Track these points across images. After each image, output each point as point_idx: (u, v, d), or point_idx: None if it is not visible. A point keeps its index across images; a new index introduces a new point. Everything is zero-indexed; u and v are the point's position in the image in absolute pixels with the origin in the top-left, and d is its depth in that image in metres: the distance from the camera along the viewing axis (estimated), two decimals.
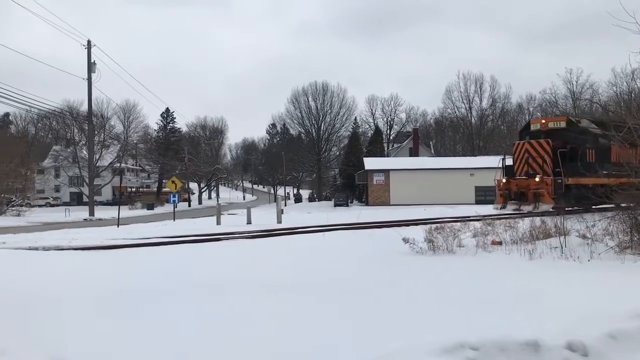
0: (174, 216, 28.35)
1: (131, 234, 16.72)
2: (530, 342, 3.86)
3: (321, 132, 74.54)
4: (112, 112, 71.66)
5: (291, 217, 26.40)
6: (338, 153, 78.18)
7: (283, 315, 5.10)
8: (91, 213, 38.59)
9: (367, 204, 48.27)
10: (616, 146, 17.09)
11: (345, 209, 40.65)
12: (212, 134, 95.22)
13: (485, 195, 41.09)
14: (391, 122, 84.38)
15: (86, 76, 37.11)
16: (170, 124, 77.51)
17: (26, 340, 4.46)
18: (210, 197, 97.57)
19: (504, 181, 18.91)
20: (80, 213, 41.58)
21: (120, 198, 45.05)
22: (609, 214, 10.24)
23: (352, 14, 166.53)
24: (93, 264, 9.75)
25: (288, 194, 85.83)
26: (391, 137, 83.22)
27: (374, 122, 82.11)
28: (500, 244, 9.77)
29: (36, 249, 12.45)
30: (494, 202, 20.14)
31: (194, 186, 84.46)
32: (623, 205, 9.75)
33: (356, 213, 24.39)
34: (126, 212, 44.69)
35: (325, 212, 30.41)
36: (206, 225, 21.28)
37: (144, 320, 5.07)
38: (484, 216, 15.07)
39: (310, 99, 74.21)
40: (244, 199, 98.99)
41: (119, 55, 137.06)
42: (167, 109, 76.50)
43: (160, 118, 77.03)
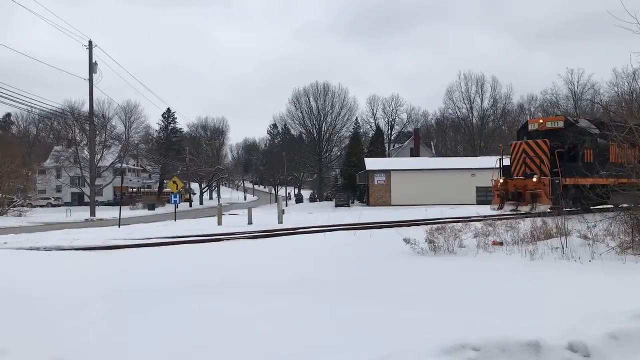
0: (175, 216, 28.34)
1: (132, 234, 16.73)
2: (532, 343, 3.85)
3: (322, 132, 74.65)
4: (113, 112, 71.82)
5: (292, 218, 26.37)
6: (339, 153, 78.25)
7: (279, 315, 5.08)
8: (92, 213, 38.60)
9: (368, 204, 48.26)
10: (615, 146, 17.02)
11: (347, 210, 40.62)
12: (213, 134, 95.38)
13: (486, 196, 40.92)
14: (392, 122, 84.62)
15: (87, 76, 37.25)
16: (172, 124, 77.68)
17: (26, 340, 4.47)
18: (211, 198, 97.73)
19: (501, 181, 18.76)
20: (82, 213, 41.64)
21: (122, 198, 45.10)
22: (610, 214, 10.20)
23: (353, 14, 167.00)
24: (94, 264, 9.77)
25: (289, 194, 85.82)
26: (392, 138, 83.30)
27: (375, 123, 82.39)
28: (501, 244, 9.75)
29: (37, 249, 12.49)
30: (491, 203, 20.05)
31: (195, 186, 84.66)
32: (624, 205, 9.71)
33: (357, 213, 24.35)
34: (127, 212, 44.70)
35: (327, 213, 30.43)
36: (207, 225, 21.29)
37: (143, 320, 5.07)
38: (485, 217, 14.99)
39: (311, 99, 74.46)
40: (245, 199, 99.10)
41: (120, 56, 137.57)
42: (168, 109, 76.81)
43: (162, 118, 77.35)
